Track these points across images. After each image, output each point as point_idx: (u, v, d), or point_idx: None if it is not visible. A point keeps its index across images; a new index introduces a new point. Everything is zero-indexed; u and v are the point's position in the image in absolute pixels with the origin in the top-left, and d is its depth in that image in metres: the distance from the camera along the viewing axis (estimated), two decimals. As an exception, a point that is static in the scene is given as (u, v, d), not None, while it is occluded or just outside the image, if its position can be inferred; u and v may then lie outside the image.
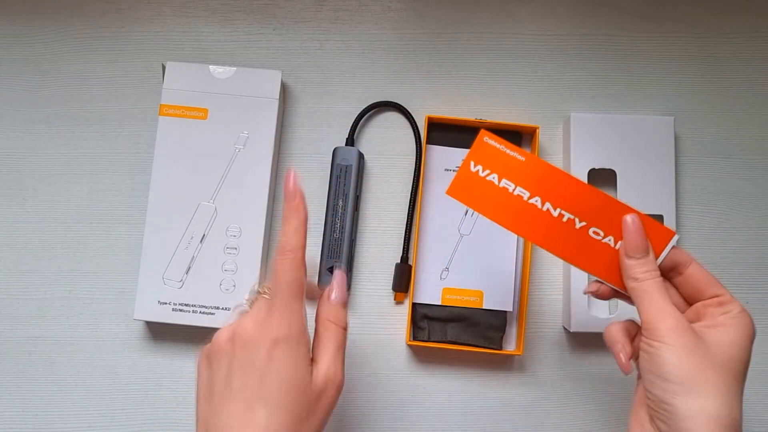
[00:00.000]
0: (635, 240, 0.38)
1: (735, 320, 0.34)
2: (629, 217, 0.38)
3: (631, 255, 0.38)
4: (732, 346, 0.34)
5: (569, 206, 0.40)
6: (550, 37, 0.60)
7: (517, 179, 0.41)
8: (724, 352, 0.33)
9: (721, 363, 0.33)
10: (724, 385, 0.32)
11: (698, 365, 0.32)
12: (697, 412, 0.31)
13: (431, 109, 0.58)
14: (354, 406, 0.56)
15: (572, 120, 0.56)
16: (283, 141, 0.58)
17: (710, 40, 0.60)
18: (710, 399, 0.32)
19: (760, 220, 0.58)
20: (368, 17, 0.60)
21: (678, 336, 0.33)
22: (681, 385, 0.32)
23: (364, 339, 0.56)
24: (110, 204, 0.57)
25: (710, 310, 0.36)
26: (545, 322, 0.57)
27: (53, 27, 0.59)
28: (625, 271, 0.38)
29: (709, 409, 0.32)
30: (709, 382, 0.32)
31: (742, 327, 0.34)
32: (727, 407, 0.32)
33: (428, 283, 0.56)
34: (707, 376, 0.32)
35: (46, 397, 0.56)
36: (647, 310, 0.35)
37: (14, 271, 0.57)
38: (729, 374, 0.33)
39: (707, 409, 0.32)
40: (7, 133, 0.58)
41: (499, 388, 0.56)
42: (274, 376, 0.34)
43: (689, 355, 0.32)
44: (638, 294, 0.36)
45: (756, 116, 0.59)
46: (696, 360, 0.32)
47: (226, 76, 0.55)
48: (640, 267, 0.37)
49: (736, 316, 0.35)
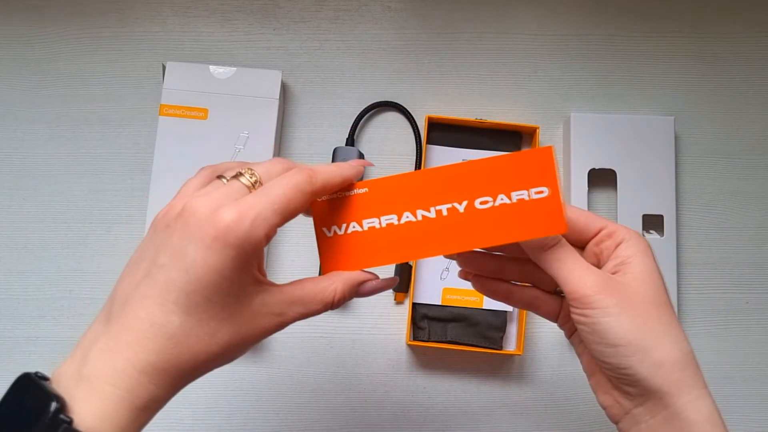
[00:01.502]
0: None
1: (633, 248, 0.34)
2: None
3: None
4: (649, 277, 0.33)
5: (438, 198, 0.35)
6: (550, 37, 0.60)
7: (376, 211, 0.36)
8: (649, 289, 0.33)
9: (652, 302, 0.33)
10: (664, 327, 0.32)
11: (637, 318, 0.32)
12: (656, 366, 0.32)
13: (431, 109, 0.58)
14: (354, 406, 0.56)
15: (572, 120, 0.56)
16: (283, 141, 0.58)
17: (710, 40, 0.60)
18: (661, 348, 0.32)
19: (760, 220, 0.58)
20: (368, 17, 0.60)
21: (607, 295, 0.32)
22: (629, 346, 0.32)
23: (365, 339, 0.56)
24: (110, 204, 0.57)
25: (604, 245, 0.34)
26: (545, 322, 0.57)
27: (53, 27, 0.59)
28: (526, 246, 0.34)
29: (664, 358, 0.32)
30: (653, 332, 0.32)
31: (642, 251, 0.34)
32: (677, 347, 0.32)
33: (428, 283, 0.56)
34: (649, 326, 0.32)
35: (46, 397, 0.55)
36: (567, 279, 0.33)
37: (14, 271, 0.57)
38: (662, 311, 0.33)
39: (663, 359, 0.32)
40: (7, 133, 0.58)
41: (499, 388, 0.56)
42: (192, 275, 0.28)
43: (625, 311, 0.32)
44: (551, 264, 0.34)
45: (756, 116, 0.59)
46: (633, 314, 0.32)
47: (226, 76, 0.55)
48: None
49: (632, 243, 0.34)
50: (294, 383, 0.56)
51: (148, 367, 0.28)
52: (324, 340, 0.56)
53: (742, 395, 0.56)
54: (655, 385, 0.32)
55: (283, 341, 0.56)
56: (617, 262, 0.34)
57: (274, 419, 0.55)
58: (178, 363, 0.29)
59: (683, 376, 0.32)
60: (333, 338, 0.56)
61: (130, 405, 0.28)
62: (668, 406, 0.32)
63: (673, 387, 0.32)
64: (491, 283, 0.38)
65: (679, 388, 0.32)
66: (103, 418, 0.27)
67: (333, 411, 0.56)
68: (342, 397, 0.56)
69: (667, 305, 0.33)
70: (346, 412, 0.56)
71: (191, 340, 0.29)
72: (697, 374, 0.32)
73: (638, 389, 0.33)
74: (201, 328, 0.29)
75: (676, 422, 0.32)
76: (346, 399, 0.56)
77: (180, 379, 0.29)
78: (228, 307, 0.29)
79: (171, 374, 0.29)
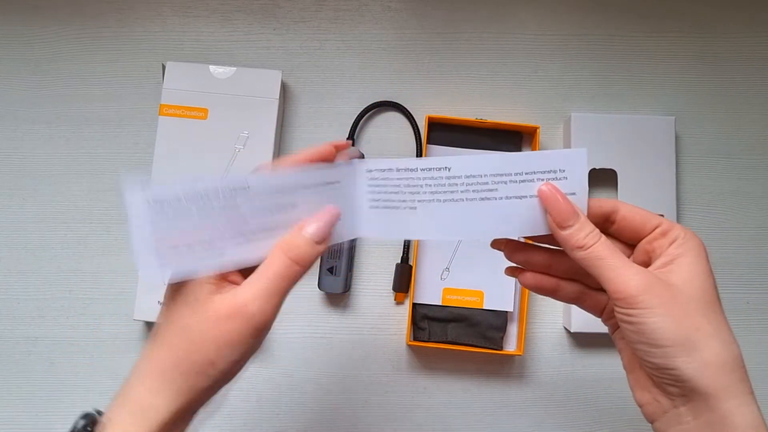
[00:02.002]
0: (560, 208, 0.34)
1: (686, 246, 0.33)
2: (544, 187, 0.34)
3: (563, 225, 0.34)
4: (697, 276, 0.33)
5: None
6: (550, 37, 0.60)
7: None
8: (697, 288, 0.32)
9: (700, 301, 0.32)
10: (712, 327, 0.32)
11: (684, 318, 0.31)
12: (703, 367, 0.31)
13: (431, 109, 0.58)
14: (354, 407, 0.56)
15: (573, 120, 0.56)
16: (283, 141, 0.58)
17: (711, 40, 0.60)
18: (709, 349, 0.31)
19: (760, 220, 0.58)
20: (368, 17, 0.60)
21: (653, 296, 0.31)
22: (676, 347, 0.31)
23: (365, 339, 0.56)
24: (110, 204, 0.57)
25: (657, 243, 0.34)
26: (546, 322, 0.57)
27: (53, 27, 0.59)
28: (565, 245, 0.34)
29: (712, 359, 0.31)
30: (701, 332, 0.31)
31: (695, 250, 0.33)
32: (726, 349, 0.31)
33: (428, 283, 0.56)
34: (697, 326, 0.31)
35: (46, 397, 0.55)
36: (610, 279, 0.32)
37: (14, 271, 0.57)
38: (711, 311, 0.32)
39: (710, 360, 0.31)
40: (7, 133, 0.58)
41: (499, 389, 0.56)
42: (168, 321, 0.33)
43: (671, 311, 0.31)
44: (592, 263, 0.33)
45: (757, 116, 0.59)
46: (680, 313, 0.31)
47: (226, 76, 0.55)
48: (578, 233, 0.34)
49: (685, 242, 0.33)
50: (294, 383, 0.56)
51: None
52: (324, 340, 0.56)
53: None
54: (701, 386, 0.31)
55: (284, 341, 0.56)
56: (666, 260, 0.33)
57: (274, 419, 0.55)
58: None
59: (731, 379, 0.31)
60: (333, 338, 0.56)
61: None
62: (713, 408, 0.31)
63: (720, 389, 0.31)
64: (539, 278, 0.38)
65: (725, 390, 0.31)
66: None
67: (333, 411, 0.56)
68: (342, 397, 0.56)
69: (715, 306, 0.33)
70: (347, 413, 0.56)
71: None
72: (744, 378, 0.32)
73: (682, 389, 0.32)
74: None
75: (719, 426, 0.31)
76: (346, 399, 0.56)
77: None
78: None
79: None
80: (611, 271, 0.33)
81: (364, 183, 0.36)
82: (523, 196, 0.35)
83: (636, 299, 0.32)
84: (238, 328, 0.31)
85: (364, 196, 0.36)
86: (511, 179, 0.35)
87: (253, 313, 0.31)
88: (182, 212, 0.31)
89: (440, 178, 0.35)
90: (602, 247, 0.33)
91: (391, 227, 0.36)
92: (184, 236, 0.31)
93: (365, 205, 0.36)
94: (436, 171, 0.35)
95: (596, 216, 0.35)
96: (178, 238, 0.31)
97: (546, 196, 0.34)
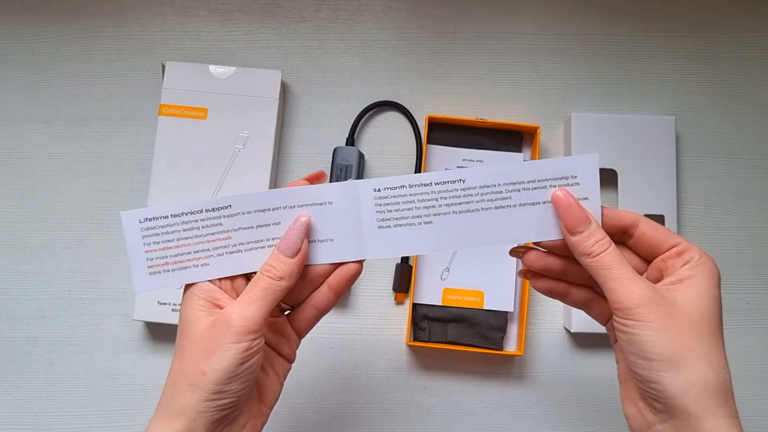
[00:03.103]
0: (572, 213, 0.34)
1: (698, 269, 0.33)
2: (559, 192, 0.35)
3: (574, 231, 0.34)
4: (701, 300, 0.33)
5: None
6: (550, 37, 0.59)
7: None
8: (697, 310, 0.32)
9: (698, 323, 0.32)
10: (704, 350, 0.32)
11: (678, 337, 0.32)
12: (687, 387, 0.31)
13: (431, 108, 0.58)
14: (355, 407, 0.56)
15: (573, 120, 0.56)
16: (283, 141, 0.58)
17: (711, 40, 0.60)
18: (695, 370, 0.31)
19: (761, 221, 0.58)
20: (368, 17, 0.60)
21: (651, 310, 0.32)
22: (664, 362, 0.31)
23: (365, 339, 0.56)
24: (110, 204, 0.57)
25: (671, 262, 0.34)
26: (546, 322, 0.57)
27: (53, 27, 0.59)
28: (574, 250, 0.35)
29: (696, 380, 0.31)
30: (692, 353, 0.31)
31: (706, 274, 0.33)
32: (713, 373, 0.32)
33: (429, 283, 0.56)
34: (689, 347, 0.32)
35: (46, 397, 0.55)
36: (612, 289, 0.33)
37: (14, 271, 0.57)
38: (707, 334, 0.32)
39: (694, 381, 0.31)
40: (7, 133, 0.58)
41: (499, 389, 0.56)
42: (174, 356, 0.35)
43: (666, 327, 0.32)
44: (598, 272, 0.34)
45: (757, 116, 0.59)
46: (675, 331, 0.32)
47: (225, 76, 0.55)
48: (588, 240, 0.34)
49: (698, 264, 0.33)
50: (294, 383, 0.56)
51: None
52: (324, 340, 0.56)
53: (743, 396, 0.56)
54: (682, 405, 0.31)
55: (283, 341, 0.56)
56: (675, 279, 0.34)
57: (274, 419, 0.55)
58: None
59: (713, 402, 0.31)
60: (333, 339, 0.56)
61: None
62: (693, 428, 0.31)
63: (700, 410, 0.31)
64: (551, 283, 0.38)
65: (706, 412, 0.31)
66: None
67: (333, 411, 0.56)
68: (342, 397, 0.56)
69: (714, 331, 0.33)
70: (347, 413, 0.55)
71: None
72: (728, 402, 0.32)
73: (665, 405, 0.32)
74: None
75: None
76: (346, 400, 0.56)
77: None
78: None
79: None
80: (615, 282, 0.33)
81: (370, 203, 0.36)
82: (537, 203, 0.36)
83: (633, 311, 0.32)
84: (218, 334, 0.33)
85: (370, 216, 0.36)
86: (524, 186, 0.36)
87: (233, 318, 0.33)
88: (169, 228, 0.36)
89: (455, 191, 0.36)
90: (610, 256, 0.34)
91: (402, 245, 0.37)
92: (171, 248, 0.36)
93: (372, 226, 0.36)
94: (451, 184, 0.36)
95: (614, 227, 0.36)
96: (166, 249, 0.36)
97: (560, 201, 0.35)
